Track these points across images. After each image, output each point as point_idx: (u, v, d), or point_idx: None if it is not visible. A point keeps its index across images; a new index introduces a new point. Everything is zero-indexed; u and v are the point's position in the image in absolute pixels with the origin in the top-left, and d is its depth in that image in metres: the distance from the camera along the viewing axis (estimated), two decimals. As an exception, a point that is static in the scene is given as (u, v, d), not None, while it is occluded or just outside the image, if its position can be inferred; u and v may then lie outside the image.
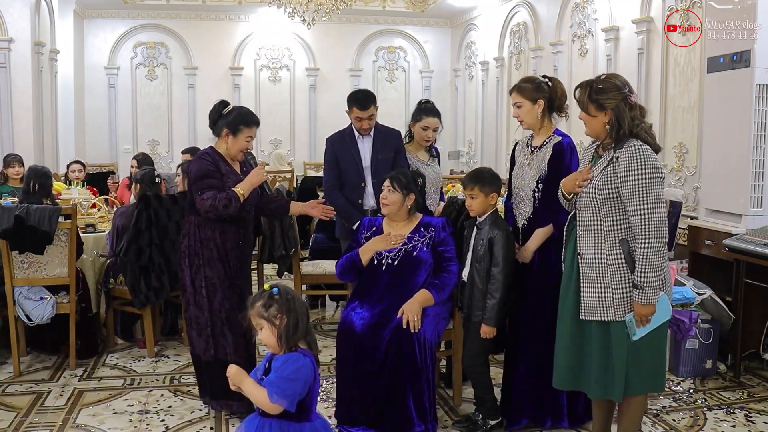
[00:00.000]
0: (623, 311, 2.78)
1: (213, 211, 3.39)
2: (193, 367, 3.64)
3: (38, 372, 4.28)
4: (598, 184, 2.78)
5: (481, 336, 3.33)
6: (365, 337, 3.29)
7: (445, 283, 3.40)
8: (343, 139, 4.48)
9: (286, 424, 2.31)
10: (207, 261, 3.49)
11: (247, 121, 3.54)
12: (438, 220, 3.56)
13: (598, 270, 2.80)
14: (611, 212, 2.78)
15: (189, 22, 10.76)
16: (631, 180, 2.70)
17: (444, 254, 3.45)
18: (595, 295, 2.81)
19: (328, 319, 5.52)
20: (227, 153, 3.56)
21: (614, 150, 2.77)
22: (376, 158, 4.37)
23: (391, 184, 3.48)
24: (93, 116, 10.60)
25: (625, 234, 2.77)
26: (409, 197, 3.48)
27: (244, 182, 3.49)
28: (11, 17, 7.82)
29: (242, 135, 3.52)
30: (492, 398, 3.44)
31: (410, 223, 3.52)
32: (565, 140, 3.31)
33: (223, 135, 3.54)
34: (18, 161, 6.22)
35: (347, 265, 3.53)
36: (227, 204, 3.39)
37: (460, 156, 11.02)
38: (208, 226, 3.49)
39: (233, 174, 3.54)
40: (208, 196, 3.39)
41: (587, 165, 2.92)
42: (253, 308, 2.35)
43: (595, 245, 2.81)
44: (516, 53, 9.16)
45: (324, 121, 10.65)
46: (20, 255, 4.16)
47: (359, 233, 3.62)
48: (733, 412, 3.76)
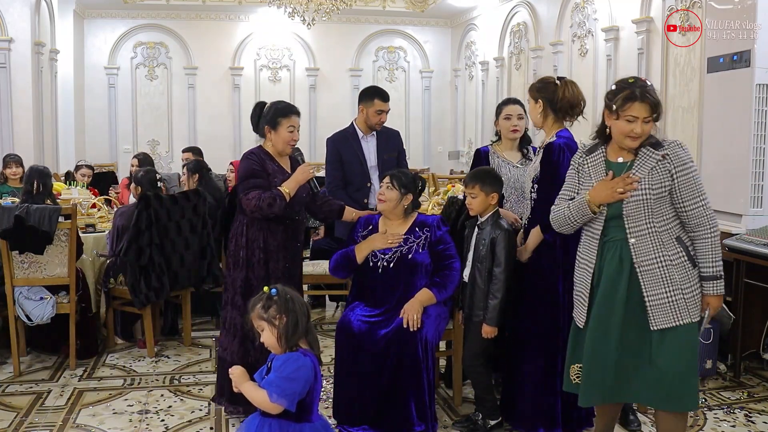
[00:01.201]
0: (696, 311, 2.68)
1: (258, 210, 3.38)
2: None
3: (38, 372, 4.28)
4: (651, 185, 2.65)
5: (483, 336, 3.32)
6: (363, 337, 3.28)
7: (447, 281, 3.39)
8: (346, 138, 4.48)
9: (286, 424, 2.32)
10: (249, 262, 3.48)
11: (285, 111, 3.54)
12: (433, 218, 3.54)
13: (664, 274, 2.66)
14: (663, 212, 2.67)
15: (189, 22, 10.77)
16: (687, 174, 2.64)
17: (444, 252, 3.43)
18: (664, 301, 2.66)
19: (328, 319, 5.52)
20: (274, 150, 3.56)
21: (655, 148, 2.67)
22: (382, 158, 4.38)
23: (391, 182, 3.47)
24: (93, 116, 10.61)
25: (678, 231, 2.69)
26: (406, 197, 3.48)
27: (290, 180, 3.47)
28: (11, 17, 7.82)
29: (283, 127, 3.50)
30: (492, 398, 3.44)
31: (406, 223, 3.51)
32: (558, 140, 3.25)
33: (266, 133, 3.55)
34: (16, 161, 6.22)
35: (341, 261, 3.52)
36: (272, 203, 3.36)
37: (460, 156, 11.02)
38: (255, 226, 3.49)
39: (280, 172, 3.52)
40: (253, 196, 3.38)
41: (608, 171, 2.72)
42: (253, 311, 2.36)
43: (654, 249, 2.67)
44: (516, 53, 9.16)
45: (324, 121, 10.65)
46: (20, 255, 4.16)
47: (356, 231, 3.61)
48: (733, 412, 3.76)
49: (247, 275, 3.48)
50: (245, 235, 3.50)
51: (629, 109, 2.61)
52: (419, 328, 3.23)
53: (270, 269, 3.50)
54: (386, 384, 3.24)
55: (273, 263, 3.51)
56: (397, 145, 4.44)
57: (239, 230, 3.54)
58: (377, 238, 3.48)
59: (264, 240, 3.49)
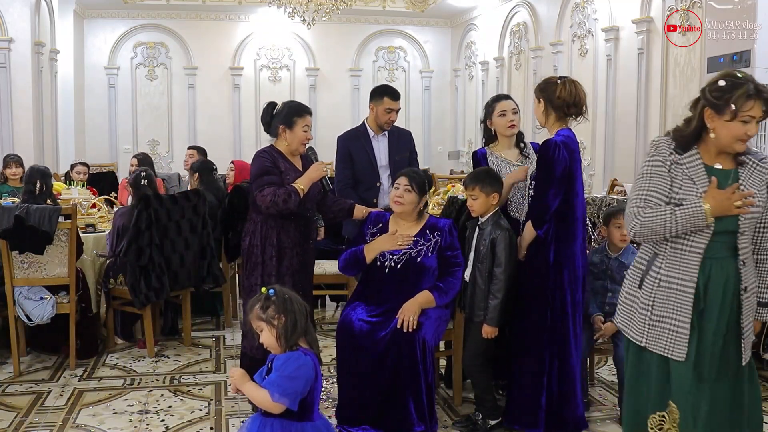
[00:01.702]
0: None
1: (274, 206, 3.43)
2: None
3: (38, 372, 4.28)
4: (762, 199, 2.36)
5: (483, 336, 3.32)
6: (364, 337, 3.28)
7: (449, 288, 3.39)
8: (357, 137, 4.47)
9: (287, 423, 2.32)
10: (263, 259, 3.54)
11: (300, 111, 3.60)
12: (445, 222, 3.51)
13: (752, 301, 2.39)
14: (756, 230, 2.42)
15: (189, 22, 10.77)
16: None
17: (451, 259, 3.42)
18: (751, 330, 2.40)
19: (328, 319, 5.52)
20: (288, 149, 3.61)
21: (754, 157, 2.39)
22: (394, 158, 4.37)
23: (410, 184, 3.41)
24: (93, 116, 10.61)
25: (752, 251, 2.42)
26: (422, 199, 3.47)
27: (303, 177, 3.52)
28: (11, 17, 7.83)
29: (298, 126, 3.56)
30: (492, 398, 3.44)
31: (417, 224, 3.48)
32: (555, 137, 3.23)
33: (280, 132, 3.59)
34: (16, 161, 6.21)
35: (350, 260, 3.52)
36: (287, 199, 3.42)
37: (460, 156, 11.03)
38: (269, 223, 3.53)
39: (293, 170, 3.57)
40: (267, 192, 3.44)
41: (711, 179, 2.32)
42: (252, 312, 2.36)
43: (752, 273, 2.39)
44: (516, 53, 9.16)
45: (324, 121, 10.65)
46: (20, 255, 4.16)
47: (365, 227, 3.60)
48: (733, 412, 3.75)
49: (262, 272, 3.53)
50: (259, 233, 3.55)
51: (748, 108, 2.25)
52: (417, 329, 3.23)
53: (283, 266, 3.54)
54: (386, 384, 3.23)
55: (286, 260, 3.55)
56: (409, 145, 4.44)
57: (250, 228, 3.59)
58: (386, 239, 3.46)
59: (277, 237, 3.53)
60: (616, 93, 6.89)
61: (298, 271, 3.57)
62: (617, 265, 3.59)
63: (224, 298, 5.30)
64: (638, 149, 6.47)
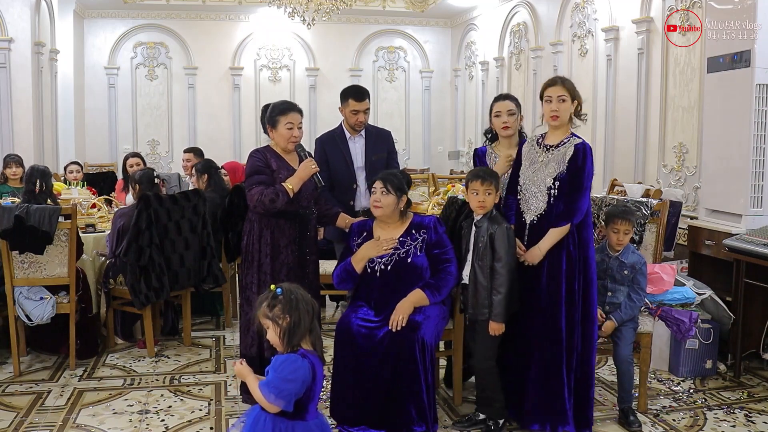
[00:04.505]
0: None
1: (260, 205, 3.48)
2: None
3: (38, 372, 4.28)
4: None
5: (490, 333, 3.31)
6: (362, 338, 3.28)
7: (442, 285, 3.38)
8: (333, 139, 4.45)
9: (279, 420, 2.34)
10: (259, 257, 3.57)
11: (283, 109, 3.63)
12: (429, 219, 3.50)
13: None
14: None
15: (189, 22, 10.76)
16: None
17: (441, 256, 3.41)
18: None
19: (328, 319, 5.52)
20: (277, 147, 3.66)
21: None
22: (370, 159, 4.34)
23: (384, 186, 3.41)
24: (93, 116, 10.61)
25: None
26: (402, 199, 3.46)
27: (293, 177, 3.55)
28: (11, 17, 7.82)
29: (281, 124, 3.59)
30: (501, 398, 3.41)
31: (402, 225, 3.47)
32: (586, 144, 3.32)
33: (269, 131, 3.66)
34: (16, 162, 6.21)
35: (343, 275, 3.51)
36: (274, 198, 3.45)
37: (460, 156, 11.02)
38: (263, 223, 3.56)
39: (285, 168, 3.61)
40: (255, 192, 3.48)
41: None
42: (259, 308, 2.39)
43: None
44: (516, 53, 9.16)
45: (324, 121, 10.64)
46: (20, 255, 4.16)
47: (351, 240, 3.59)
48: (733, 412, 3.76)
49: (259, 271, 3.56)
50: (254, 233, 3.58)
51: None
52: (417, 329, 3.23)
53: (277, 264, 3.55)
54: (385, 384, 3.23)
55: (281, 258, 3.56)
56: (387, 145, 4.40)
57: (248, 227, 3.63)
58: (371, 246, 3.45)
59: (272, 235, 3.55)
60: (616, 93, 6.89)
61: (294, 269, 3.58)
62: (617, 265, 3.59)
63: (224, 298, 5.30)
64: (638, 149, 6.47)
